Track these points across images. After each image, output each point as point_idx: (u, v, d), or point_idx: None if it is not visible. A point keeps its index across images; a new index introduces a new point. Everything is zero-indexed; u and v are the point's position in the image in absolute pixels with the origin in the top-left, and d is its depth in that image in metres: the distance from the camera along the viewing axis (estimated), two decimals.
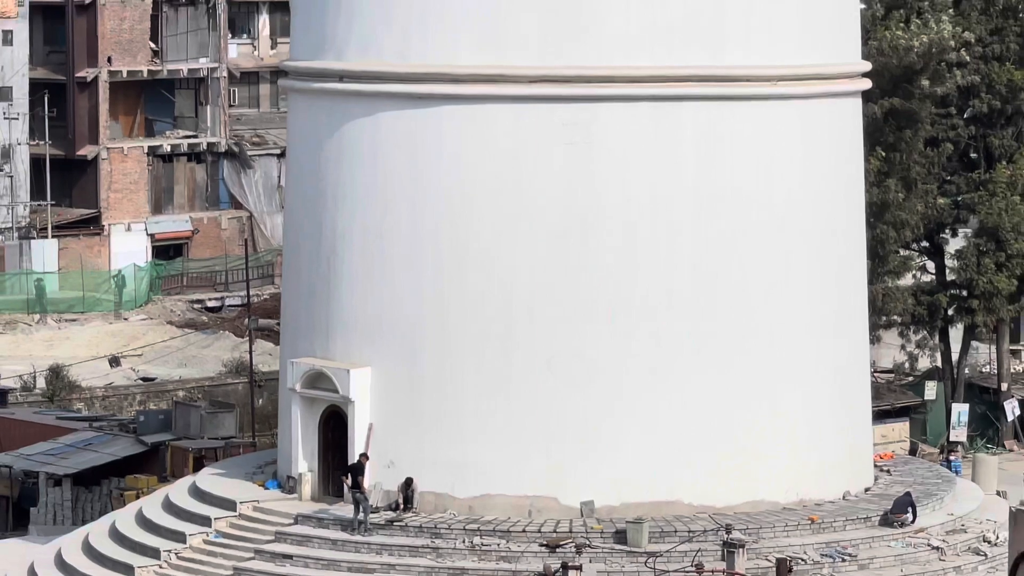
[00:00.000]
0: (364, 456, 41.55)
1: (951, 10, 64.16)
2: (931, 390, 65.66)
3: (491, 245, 40.25)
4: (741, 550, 38.28)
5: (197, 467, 52.36)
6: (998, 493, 50.40)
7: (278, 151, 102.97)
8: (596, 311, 40.40)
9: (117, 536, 45.22)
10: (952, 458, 56.05)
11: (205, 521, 43.73)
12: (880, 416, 53.93)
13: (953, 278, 66.01)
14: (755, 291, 41.28)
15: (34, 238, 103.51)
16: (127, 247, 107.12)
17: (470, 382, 40.75)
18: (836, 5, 41.55)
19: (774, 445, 42.02)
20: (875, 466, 46.12)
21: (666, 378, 40.79)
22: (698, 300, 40.74)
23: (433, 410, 41.21)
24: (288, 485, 43.68)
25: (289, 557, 41.78)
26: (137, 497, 51.43)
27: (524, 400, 40.63)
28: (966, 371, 68.28)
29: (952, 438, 60.75)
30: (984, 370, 72.02)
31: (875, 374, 57.02)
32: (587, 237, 40.08)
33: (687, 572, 38.64)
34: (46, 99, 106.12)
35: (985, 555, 43.00)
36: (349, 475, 41.46)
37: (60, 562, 44.80)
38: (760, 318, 41.38)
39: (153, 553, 43.47)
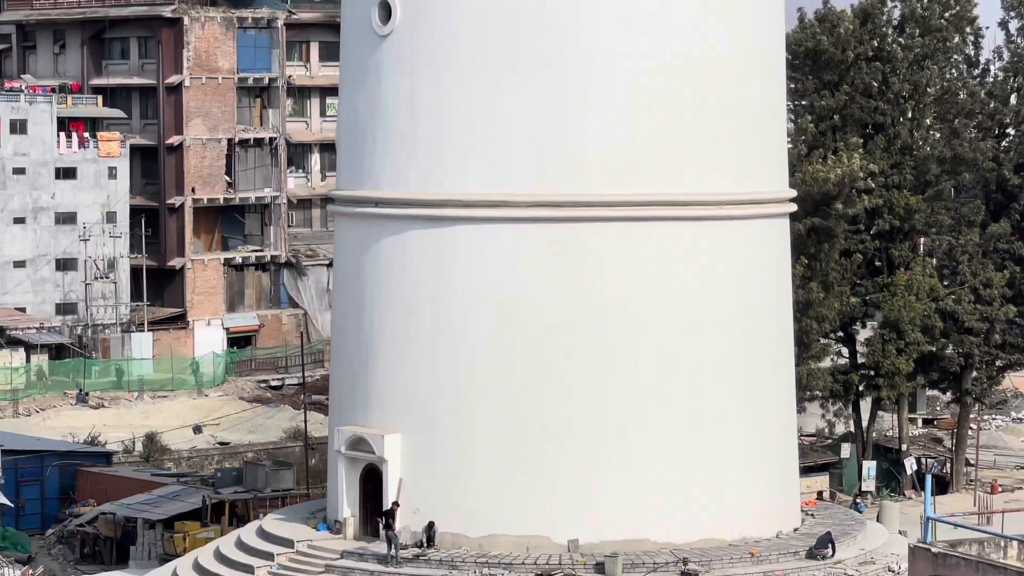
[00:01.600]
0: (396, 504, 41.45)
1: (860, 148, 64.23)
2: (846, 450, 65.52)
3: (496, 337, 40.17)
4: None
5: (231, 514, 53.57)
6: (900, 532, 50.32)
7: (327, 262, 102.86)
8: (580, 389, 40.30)
9: (200, 569, 45.02)
10: (859, 501, 56.23)
11: (269, 556, 43.57)
12: (805, 471, 53.68)
13: (863, 361, 65.89)
14: (705, 373, 41.17)
15: (133, 332, 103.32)
16: (207, 338, 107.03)
17: (479, 445, 40.64)
18: (769, 145, 41.49)
19: (722, 495, 41.86)
20: (802, 511, 45.91)
21: (636, 443, 40.67)
22: (660, 381, 40.64)
23: (450, 468, 41.07)
24: (335, 527, 43.48)
25: None
26: (184, 539, 52.30)
27: (523, 459, 40.50)
28: (873, 435, 68.16)
29: (863, 488, 60.59)
30: (888, 434, 71.83)
31: (801, 437, 56.77)
32: (572, 331, 39.98)
33: None
34: (143, 221, 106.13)
35: None
36: (384, 518, 41.34)
37: None
38: (709, 395, 41.26)
39: None
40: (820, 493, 53.38)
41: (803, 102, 67.69)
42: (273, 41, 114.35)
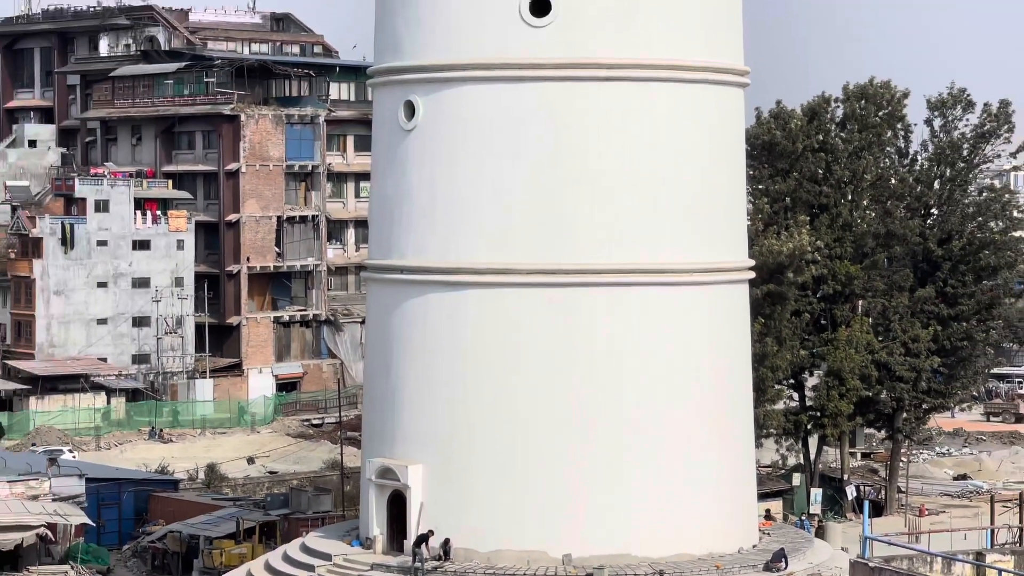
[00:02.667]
0: (431, 532, 41.33)
1: (808, 226, 64.46)
2: (796, 479, 65.47)
3: (501, 382, 40.20)
4: None
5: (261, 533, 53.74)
6: (842, 549, 50.31)
7: (360, 320, 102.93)
8: (572, 425, 40.31)
9: None
10: (804, 519, 56.38)
11: (311, 568, 43.50)
12: (762, 496, 53.66)
13: (811, 404, 65.95)
14: (679, 413, 41.18)
15: (196, 378, 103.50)
16: (259, 384, 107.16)
17: (487, 474, 40.63)
18: (731, 222, 41.61)
19: (692, 516, 41.82)
20: (760, 530, 45.89)
21: (620, 471, 40.65)
22: (641, 419, 40.63)
23: (463, 492, 41.05)
24: (366, 543, 43.42)
25: None
26: (220, 555, 52.44)
27: (524, 485, 40.48)
28: (820, 466, 68.14)
29: (811, 511, 60.52)
30: (832, 465, 71.73)
31: (759, 468, 56.79)
32: (565, 377, 40.02)
33: None
34: (205, 285, 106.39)
35: None
36: (418, 542, 41.18)
37: None
38: (682, 431, 41.26)
39: None
40: (768, 511, 53.35)
41: (760, 186, 67.91)
42: (315, 134, 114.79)
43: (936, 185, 70.71)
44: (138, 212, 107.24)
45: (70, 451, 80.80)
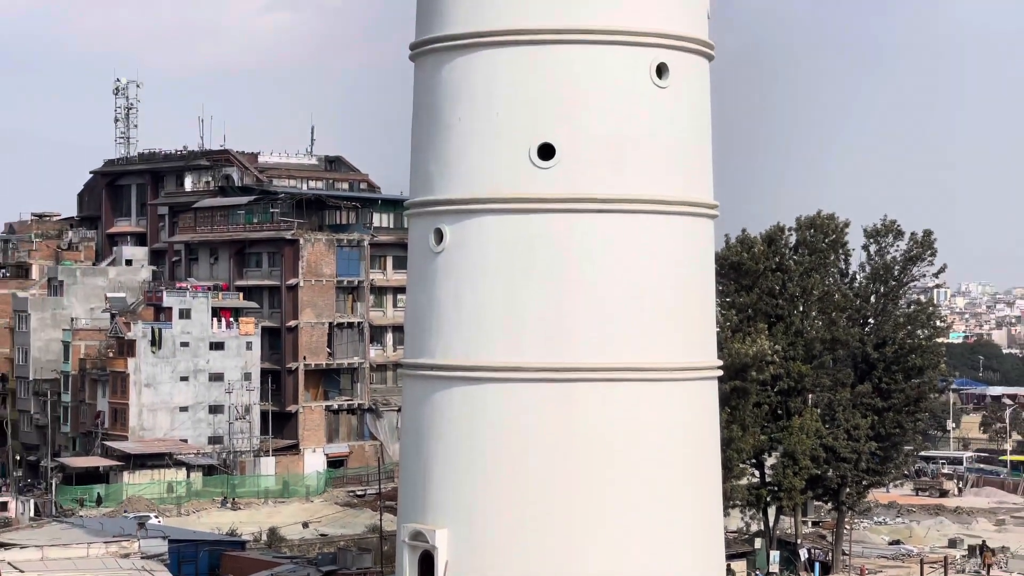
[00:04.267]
0: None
1: (767, 333, 64.49)
2: (758, 543, 65.14)
3: (514, 461, 39.96)
4: None
5: None
6: None
7: (397, 408, 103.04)
8: (572, 497, 39.96)
9: None
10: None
11: None
12: (729, 557, 53.38)
13: (769, 480, 65.70)
14: (659, 487, 40.84)
15: (261, 457, 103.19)
16: (313, 461, 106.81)
17: (502, 538, 40.27)
18: (704, 328, 41.57)
19: (672, 572, 41.43)
20: None
21: (611, 535, 40.30)
22: (628, 492, 40.26)
23: (482, 554, 40.72)
24: None
25: None
26: None
27: (533, 547, 40.11)
28: (777, 532, 67.76)
29: (770, 571, 60.12)
30: (788, 531, 71.41)
31: (726, 533, 56.54)
32: (567, 457, 39.75)
33: None
34: (269, 379, 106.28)
35: None
36: None
37: None
38: (662, 502, 40.90)
39: None
40: (733, 571, 52.99)
41: (728, 299, 68.03)
42: (361, 255, 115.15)
43: (872, 299, 70.88)
44: (214, 319, 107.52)
45: (156, 517, 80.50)
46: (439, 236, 39.09)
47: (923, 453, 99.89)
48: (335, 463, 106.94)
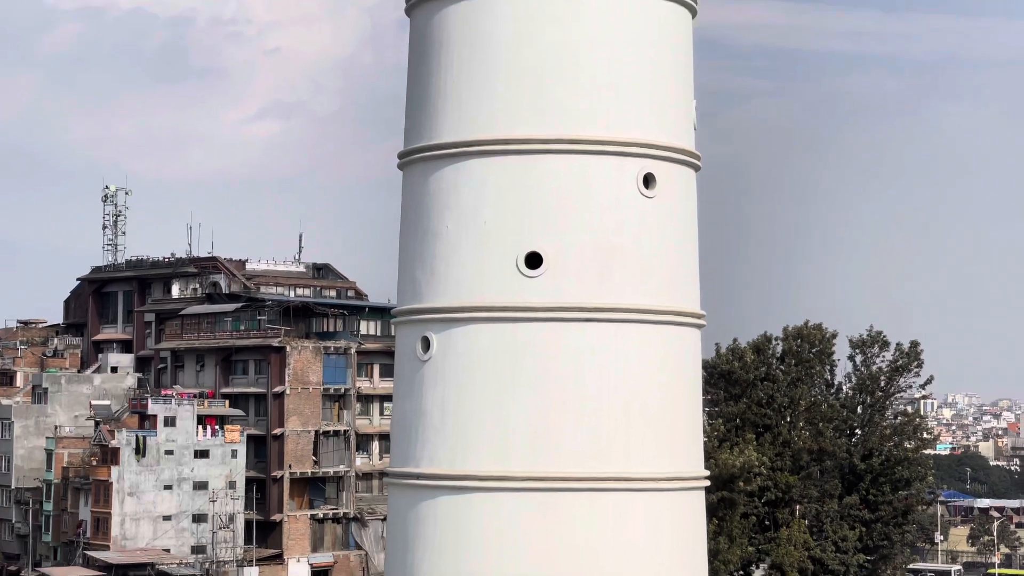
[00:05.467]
0: None
1: (754, 443, 64.38)
2: None
3: (499, 572, 39.65)
4: None
5: None
6: None
7: (382, 517, 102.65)
8: None
9: None
10: None
11: None
12: None
13: None
14: None
15: (245, 566, 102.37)
16: (298, 571, 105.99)
17: None
18: (691, 439, 41.39)
19: None
20: None
21: None
22: None
23: None
24: None
25: None
26: None
27: None
28: None
29: None
30: None
31: None
32: (552, 568, 39.37)
33: None
34: (254, 487, 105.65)
35: None
36: None
37: None
38: None
39: None
40: None
41: (716, 409, 67.96)
42: (348, 363, 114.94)
43: (859, 410, 70.89)
44: (200, 426, 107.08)
45: None
46: (426, 344, 39.05)
47: (911, 566, 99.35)
48: (320, 573, 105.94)
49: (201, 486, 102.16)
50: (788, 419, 67.67)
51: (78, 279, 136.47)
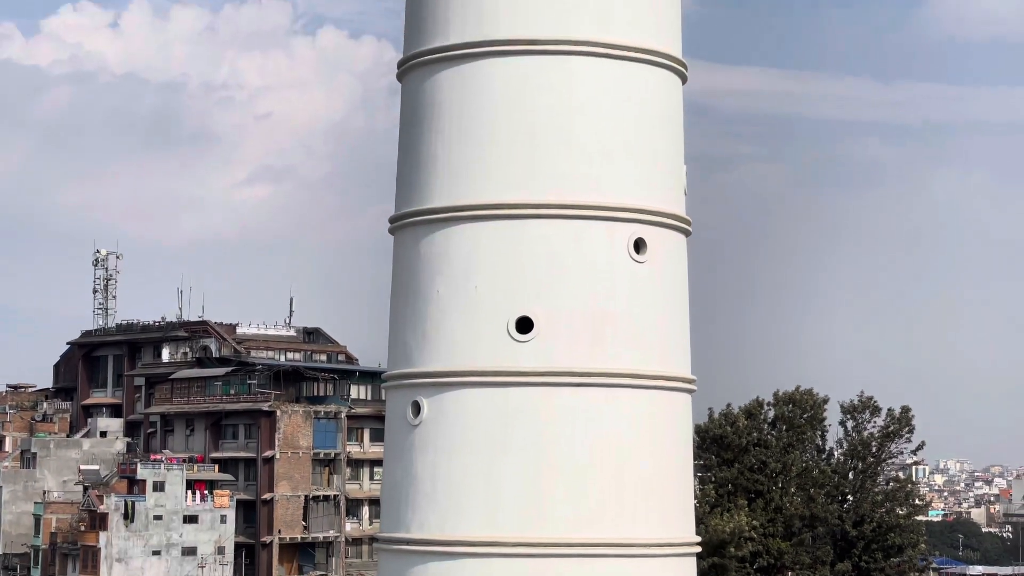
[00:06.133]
0: None
1: (746, 508, 64.22)
2: None
3: None
4: None
5: None
6: None
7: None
8: None
9: None
10: None
11: None
12: None
13: None
14: None
15: None
16: None
17: None
18: (682, 504, 41.27)
19: None
20: None
21: None
22: None
23: None
24: None
25: None
26: None
27: None
28: None
29: None
30: None
31: None
32: None
33: None
34: (243, 553, 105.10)
35: None
36: None
37: None
38: None
39: None
40: None
41: (709, 473, 67.85)
42: (338, 427, 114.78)
43: (851, 476, 70.77)
44: (189, 491, 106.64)
45: None
46: (416, 409, 39.02)
47: None
48: None
49: (190, 552, 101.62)
50: (780, 485, 67.49)
51: (68, 343, 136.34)
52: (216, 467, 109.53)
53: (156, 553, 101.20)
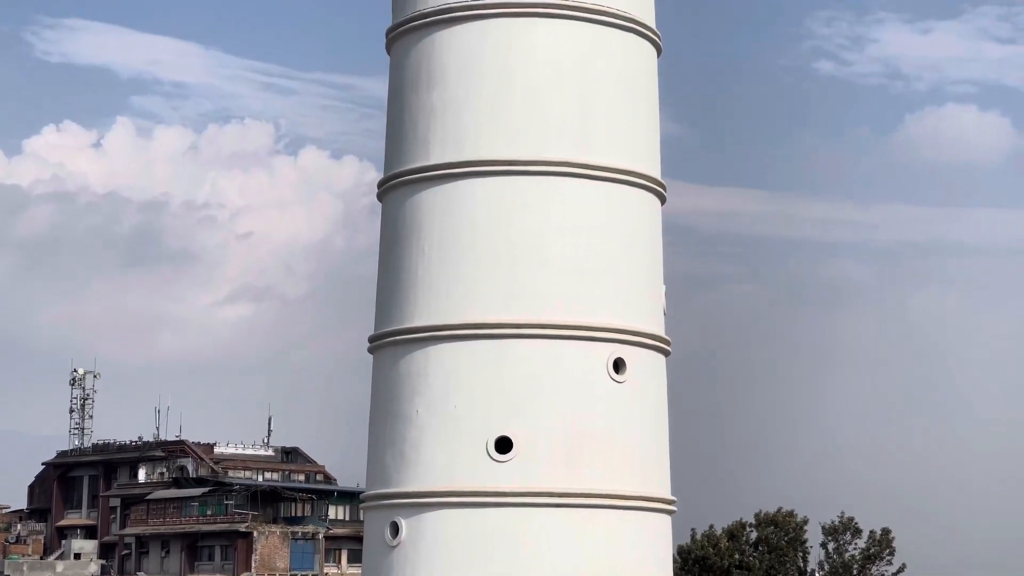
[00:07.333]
0: None
1: None
2: None
3: None
4: None
5: None
6: None
7: None
8: None
9: None
10: None
11: None
12: None
13: None
14: None
15: None
16: None
17: None
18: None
19: None
20: None
21: None
22: None
23: None
24: None
25: None
26: None
27: None
28: None
29: None
30: None
31: None
32: None
33: None
34: None
35: None
36: None
37: None
38: None
39: None
40: None
41: None
42: (316, 548, 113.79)
43: None
44: None
45: None
46: (395, 529, 38.75)
47: None
48: None
49: None
50: None
51: (43, 463, 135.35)
52: None
53: None
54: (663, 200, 39.75)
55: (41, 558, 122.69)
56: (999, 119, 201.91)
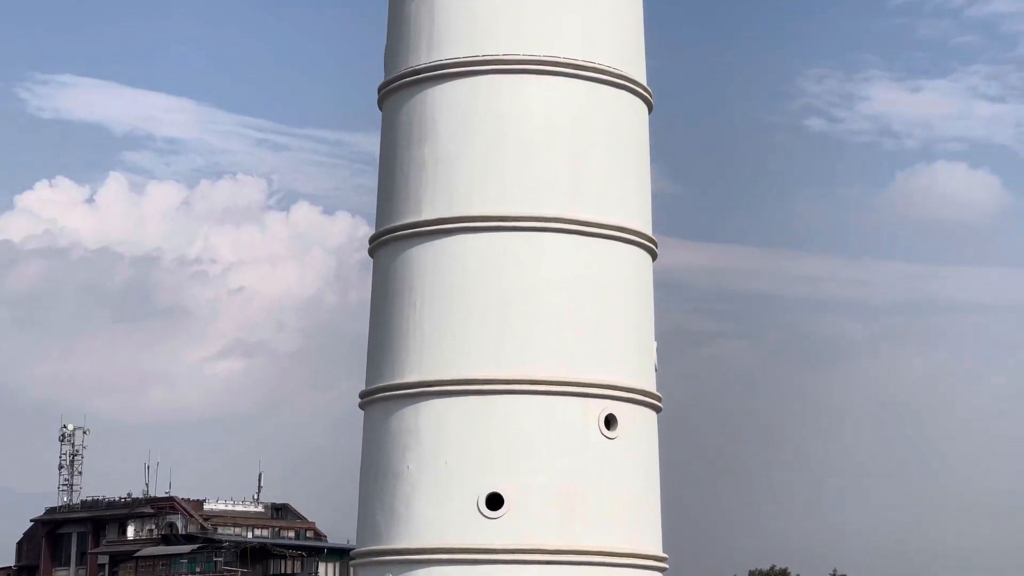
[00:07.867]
0: None
1: None
2: None
3: None
4: None
5: None
6: None
7: None
8: None
9: None
10: None
11: None
12: None
13: None
14: None
15: None
16: None
17: None
18: None
19: None
20: None
21: None
22: None
23: None
24: None
25: None
26: None
27: None
28: None
29: None
30: None
31: None
32: None
33: None
34: None
35: None
36: None
37: None
38: None
39: None
40: None
41: None
42: None
43: None
44: None
45: None
46: None
47: None
48: None
49: None
50: None
51: (32, 520, 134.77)
52: None
53: None
54: (654, 256, 39.82)
55: None
56: (989, 176, 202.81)
